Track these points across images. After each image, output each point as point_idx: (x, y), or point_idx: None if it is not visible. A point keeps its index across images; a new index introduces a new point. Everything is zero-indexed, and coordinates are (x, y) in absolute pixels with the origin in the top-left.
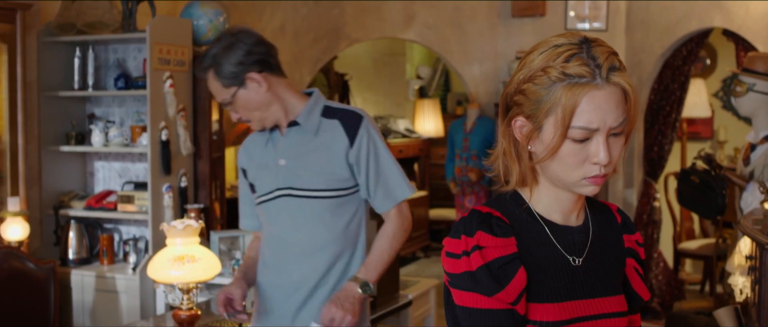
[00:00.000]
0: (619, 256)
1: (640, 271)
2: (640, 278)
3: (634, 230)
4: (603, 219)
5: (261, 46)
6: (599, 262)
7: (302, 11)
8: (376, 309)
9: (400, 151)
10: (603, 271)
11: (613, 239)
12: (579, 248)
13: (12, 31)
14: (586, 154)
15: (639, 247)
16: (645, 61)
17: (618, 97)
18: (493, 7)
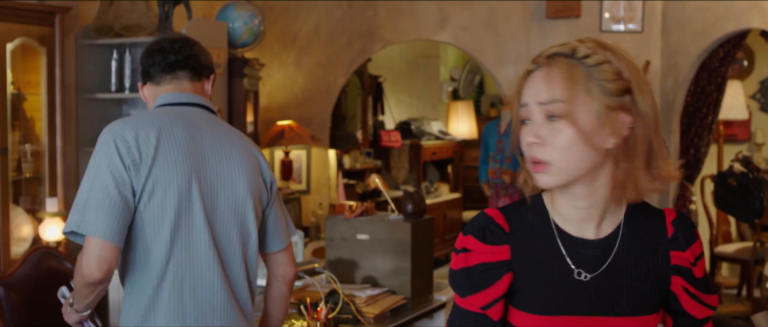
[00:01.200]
0: (659, 274)
1: (692, 290)
2: (691, 297)
3: (686, 246)
4: (645, 233)
5: (145, 57)
6: (622, 279)
7: (336, 13)
8: (410, 311)
9: (433, 153)
10: (625, 289)
11: (653, 256)
12: (591, 263)
13: (51, 34)
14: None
15: (693, 264)
16: (681, 63)
17: (552, 76)
18: (528, 9)
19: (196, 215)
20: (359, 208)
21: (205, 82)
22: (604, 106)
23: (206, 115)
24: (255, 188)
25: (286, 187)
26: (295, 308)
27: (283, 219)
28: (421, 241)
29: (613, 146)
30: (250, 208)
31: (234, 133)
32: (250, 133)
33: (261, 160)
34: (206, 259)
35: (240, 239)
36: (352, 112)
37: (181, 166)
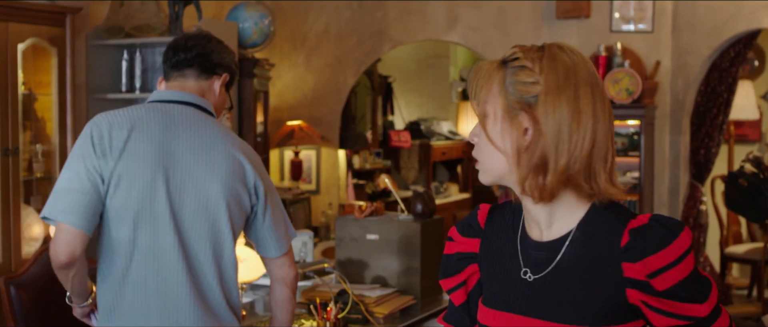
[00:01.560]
0: (610, 285)
1: (654, 303)
2: (654, 311)
3: (638, 258)
4: (598, 239)
5: (164, 53)
6: (567, 285)
7: (346, 14)
8: (420, 311)
9: (443, 153)
10: (570, 296)
11: (603, 265)
12: (537, 265)
13: (62, 34)
14: None
15: (652, 277)
16: (691, 63)
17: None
18: (537, 9)
19: (160, 213)
20: (369, 209)
21: (214, 80)
22: (507, 107)
23: (194, 115)
24: (231, 193)
25: (296, 187)
26: (305, 308)
27: (282, 224)
28: (430, 241)
29: (512, 150)
30: (223, 212)
31: (221, 135)
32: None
33: (246, 165)
34: (170, 259)
35: (210, 242)
36: (361, 112)
37: (148, 162)
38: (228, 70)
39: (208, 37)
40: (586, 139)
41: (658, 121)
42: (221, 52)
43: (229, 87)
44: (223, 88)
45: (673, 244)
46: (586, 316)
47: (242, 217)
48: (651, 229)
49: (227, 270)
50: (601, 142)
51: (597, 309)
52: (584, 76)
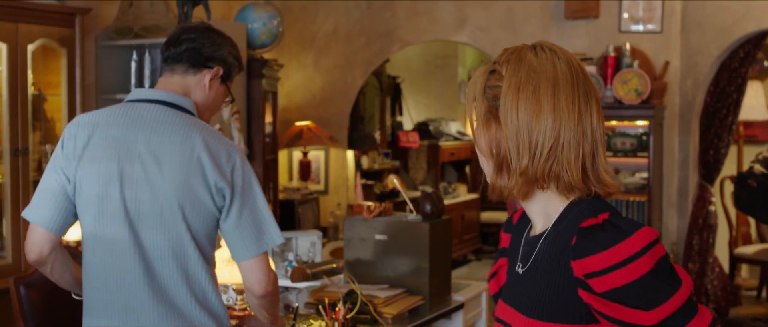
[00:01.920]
0: (563, 283)
1: (596, 304)
2: (598, 314)
3: (579, 257)
4: (561, 236)
5: None
6: (535, 280)
7: (354, 14)
8: (428, 312)
9: (451, 153)
10: (536, 291)
11: (557, 262)
12: (525, 259)
13: (71, 35)
14: None
15: (590, 277)
16: (701, 63)
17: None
18: (546, 10)
19: (115, 214)
20: (377, 209)
21: (204, 74)
22: (484, 111)
23: (162, 113)
24: (187, 192)
25: (305, 187)
26: (314, 308)
27: (251, 228)
28: (439, 241)
29: (487, 152)
30: (177, 213)
31: (185, 133)
32: (268, 134)
33: (207, 165)
34: (128, 259)
35: (168, 242)
36: (370, 112)
37: (104, 163)
38: (221, 62)
39: (204, 29)
40: (547, 138)
41: (667, 121)
42: (216, 44)
43: (227, 80)
44: (215, 81)
45: (618, 247)
46: (548, 313)
47: (205, 217)
48: (599, 230)
49: (194, 271)
50: (568, 140)
51: (553, 306)
52: (549, 75)
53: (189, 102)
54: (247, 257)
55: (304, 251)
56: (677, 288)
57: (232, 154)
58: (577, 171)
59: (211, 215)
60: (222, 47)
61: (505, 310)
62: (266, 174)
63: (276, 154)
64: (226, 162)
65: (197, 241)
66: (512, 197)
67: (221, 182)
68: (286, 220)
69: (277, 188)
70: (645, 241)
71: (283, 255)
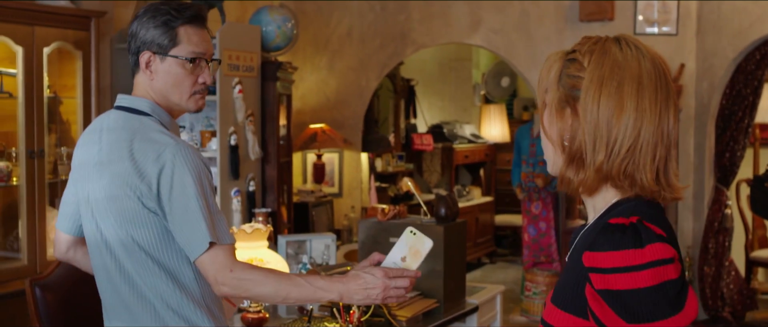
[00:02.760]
0: (576, 274)
1: (590, 299)
2: (590, 313)
3: (593, 249)
4: (594, 230)
5: None
6: (565, 272)
7: (369, 17)
8: (443, 315)
9: (466, 156)
10: (564, 283)
11: (579, 254)
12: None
13: (86, 38)
14: None
15: (593, 272)
16: (716, 66)
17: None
18: (561, 12)
19: (86, 218)
20: (392, 212)
21: (141, 60)
22: (558, 98)
23: (114, 120)
24: (115, 198)
25: (319, 190)
26: (328, 311)
27: (186, 228)
28: (453, 244)
29: (558, 141)
30: (110, 213)
31: (120, 138)
32: (282, 137)
33: (131, 171)
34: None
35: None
36: (384, 115)
37: (76, 171)
38: (146, 45)
39: (141, 12)
40: (627, 136)
41: (682, 124)
42: (136, 31)
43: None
44: (152, 64)
45: (627, 252)
46: (565, 302)
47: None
48: (620, 230)
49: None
50: (647, 141)
51: (571, 297)
52: (634, 72)
53: (142, 102)
54: (193, 257)
55: (319, 254)
56: (670, 315)
57: (163, 155)
58: (652, 173)
59: (148, 220)
60: (139, 29)
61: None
62: (280, 176)
63: (290, 157)
64: (152, 164)
65: (142, 246)
66: (584, 191)
67: (142, 186)
68: (300, 223)
69: (292, 191)
70: (655, 257)
71: (298, 257)
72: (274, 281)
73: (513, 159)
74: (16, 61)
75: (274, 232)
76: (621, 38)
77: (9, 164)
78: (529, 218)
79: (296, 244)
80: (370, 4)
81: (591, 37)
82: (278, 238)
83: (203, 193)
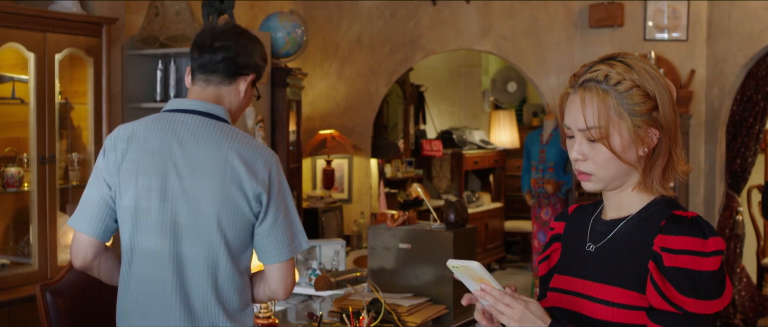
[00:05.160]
0: (640, 255)
1: (656, 276)
2: (652, 283)
3: (666, 233)
4: (648, 220)
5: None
6: (616, 254)
7: (378, 23)
8: (452, 321)
9: (475, 162)
10: (618, 263)
11: (642, 238)
12: (598, 237)
13: (98, 44)
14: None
15: (665, 251)
16: (727, 72)
17: (586, 104)
18: (570, 18)
19: (154, 227)
20: (401, 218)
21: (240, 82)
22: (634, 126)
23: (200, 123)
24: (225, 202)
25: (328, 195)
26: (337, 317)
27: (284, 233)
28: (463, 250)
29: (644, 154)
30: (212, 222)
31: (222, 142)
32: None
33: (242, 173)
34: (163, 271)
35: (203, 252)
36: (393, 121)
37: (142, 176)
38: (255, 69)
39: (237, 33)
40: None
41: (693, 130)
42: (249, 50)
43: (257, 81)
44: (249, 86)
45: (697, 240)
46: (622, 279)
47: (242, 224)
48: (688, 221)
49: (222, 279)
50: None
51: (630, 274)
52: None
53: (223, 110)
54: (279, 260)
55: (328, 259)
56: (718, 297)
57: (269, 159)
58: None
59: (248, 222)
60: (254, 53)
61: (568, 280)
62: (290, 182)
63: (300, 163)
64: (262, 168)
65: (231, 250)
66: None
67: (258, 188)
68: (310, 229)
69: (301, 196)
70: (717, 247)
71: (307, 263)
72: None
73: (522, 165)
74: (28, 67)
75: None
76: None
77: (20, 170)
78: (539, 224)
79: (306, 250)
80: (379, 10)
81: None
82: None
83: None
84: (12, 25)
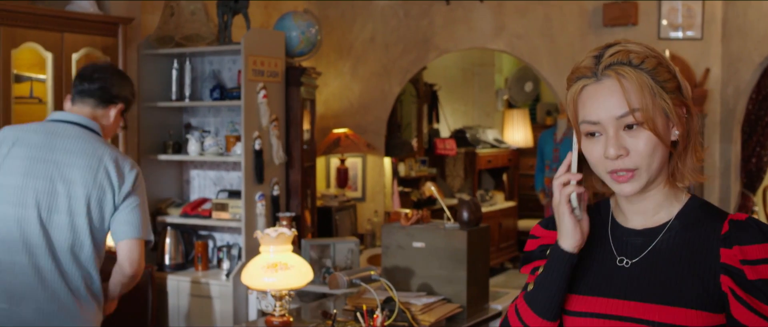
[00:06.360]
0: (705, 271)
1: (740, 293)
2: (738, 301)
3: (733, 244)
4: (697, 228)
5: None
6: (662, 268)
7: (392, 22)
8: (466, 320)
9: (488, 161)
10: (663, 279)
11: (701, 251)
12: (632, 250)
13: (114, 44)
14: (602, 150)
15: (746, 264)
16: (742, 70)
17: (616, 88)
18: (584, 16)
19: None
20: (415, 216)
21: (111, 108)
22: (670, 104)
23: (77, 132)
24: (95, 192)
25: (342, 194)
26: (352, 315)
27: (134, 218)
28: (477, 249)
29: (677, 138)
30: (82, 205)
31: (95, 146)
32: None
33: (112, 171)
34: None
35: (69, 236)
36: (407, 120)
37: (20, 171)
38: (124, 100)
39: (111, 71)
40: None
41: (708, 129)
42: (121, 84)
43: (125, 112)
44: (118, 113)
45: (766, 245)
46: (682, 298)
47: (105, 212)
48: (750, 225)
49: (85, 258)
50: None
51: (692, 292)
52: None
53: (97, 126)
54: (127, 237)
55: (342, 258)
56: None
57: (134, 167)
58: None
59: (110, 210)
60: (125, 88)
61: (601, 303)
62: (304, 181)
63: (314, 162)
64: (128, 171)
65: (93, 233)
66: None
67: (121, 183)
68: (324, 227)
69: (315, 195)
70: None
71: (321, 262)
72: None
73: (536, 164)
74: (45, 67)
75: (298, 237)
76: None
77: None
78: None
79: (320, 249)
80: (393, 9)
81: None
82: (302, 242)
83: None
84: (30, 25)
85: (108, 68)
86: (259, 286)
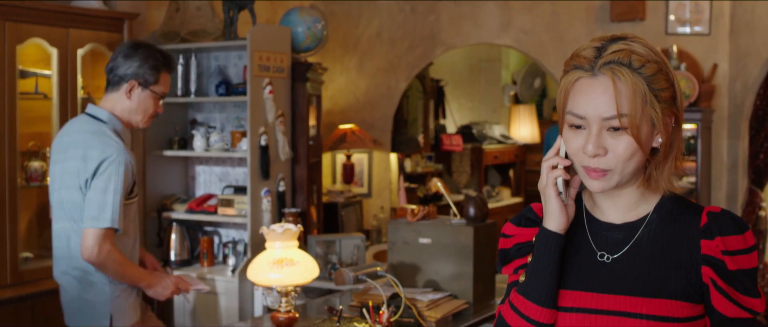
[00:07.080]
0: (686, 262)
1: (721, 283)
2: (718, 291)
3: (715, 235)
4: (676, 221)
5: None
6: (644, 262)
7: (398, 18)
8: (472, 316)
9: (495, 157)
10: (645, 272)
11: (681, 243)
12: (613, 245)
13: (120, 40)
14: (582, 144)
15: (726, 255)
16: (750, 66)
17: (609, 88)
18: (591, 12)
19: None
20: (421, 212)
21: (122, 90)
22: (660, 113)
23: (82, 121)
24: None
25: (348, 190)
26: (358, 311)
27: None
28: (483, 245)
29: (658, 145)
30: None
31: (81, 135)
32: (312, 137)
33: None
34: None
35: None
36: (413, 115)
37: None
38: (133, 76)
39: (120, 51)
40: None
41: (715, 125)
42: (126, 63)
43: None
44: (134, 91)
45: (746, 235)
46: (665, 290)
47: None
48: (727, 217)
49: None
50: None
51: (675, 283)
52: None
53: (105, 113)
54: (85, 225)
55: (348, 254)
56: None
57: (107, 151)
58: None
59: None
60: (132, 63)
61: (585, 297)
62: (310, 177)
63: (320, 157)
64: (98, 156)
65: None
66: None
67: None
68: (330, 223)
69: (321, 191)
70: (754, 241)
71: (327, 258)
72: None
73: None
74: (50, 62)
75: (304, 232)
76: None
77: (43, 164)
78: None
79: (326, 244)
80: (399, 5)
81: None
82: (308, 238)
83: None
84: (35, 20)
85: (120, 49)
86: (264, 282)
